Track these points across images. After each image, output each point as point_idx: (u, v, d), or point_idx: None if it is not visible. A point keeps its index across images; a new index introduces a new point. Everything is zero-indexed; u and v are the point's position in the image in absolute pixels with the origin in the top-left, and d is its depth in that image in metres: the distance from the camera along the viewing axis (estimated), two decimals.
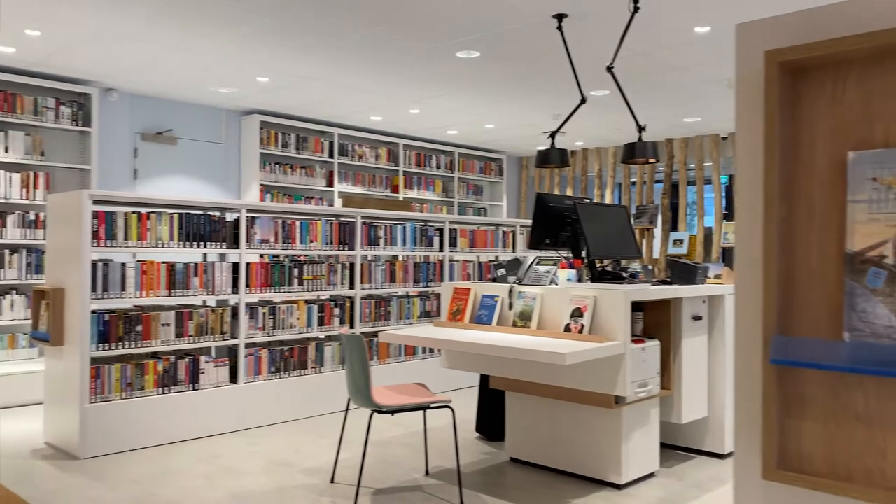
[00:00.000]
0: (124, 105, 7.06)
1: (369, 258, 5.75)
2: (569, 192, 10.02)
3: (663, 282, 4.14)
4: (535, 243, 4.04)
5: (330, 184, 8.45)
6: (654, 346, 3.69)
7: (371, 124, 8.47)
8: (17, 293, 6.08)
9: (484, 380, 4.70)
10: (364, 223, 5.67)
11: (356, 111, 7.73)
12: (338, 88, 6.73)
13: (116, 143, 7.01)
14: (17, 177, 6.10)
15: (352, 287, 5.58)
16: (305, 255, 6.19)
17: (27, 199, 6.14)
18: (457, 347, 3.40)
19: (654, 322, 4.00)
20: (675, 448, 4.34)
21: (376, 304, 5.75)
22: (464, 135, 9.14)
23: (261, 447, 4.40)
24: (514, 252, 6.88)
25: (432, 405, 3.39)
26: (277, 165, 7.97)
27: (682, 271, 4.11)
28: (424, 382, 6.03)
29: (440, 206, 9.81)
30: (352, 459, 4.13)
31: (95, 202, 4.34)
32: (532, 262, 3.92)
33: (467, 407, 5.54)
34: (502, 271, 4.02)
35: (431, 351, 6.15)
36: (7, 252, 6.01)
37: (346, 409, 3.69)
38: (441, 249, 6.24)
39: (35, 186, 6.20)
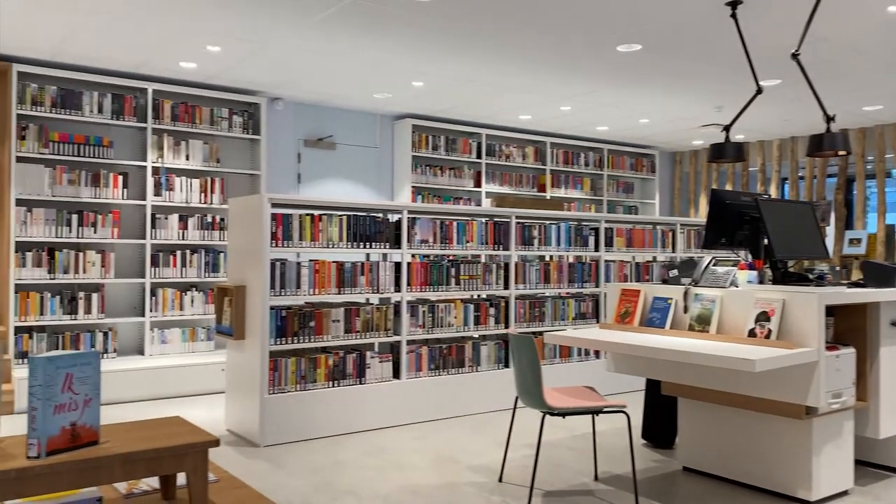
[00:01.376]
0: (289, 113, 7.47)
1: (523, 258, 5.73)
2: (728, 188, 9.50)
3: (855, 284, 3.80)
4: (709, 242, 3.83)
5: (478, 184, 8.52)
6: (849, 353, 3.39)
7: (519, 123, 8.45)
8: (196, 290, 6.59)
9: (651, 385, 4.53)
10: (518, 223, 5.65)
11: (505, 111, 7.74)
12: (490, 89, 6.76)
13: (282, 150, 7.44)
14: (196, 182, 6.62)
15: (506, 287, 5.57)
16: (454, 255, 6.26)
17: (205, 202, 6.65)
18: (632, 351, 3.29)
19: (845, 328, 3.67)
20: (869, 465, 3.97)
21: (530, 305, 5.71)
22: (615, 131, 8.91)
23: (425, 442, 4.49)
24: (673, 252, 6.60)
25: (606, 409, 3.31)
26: (427, 167, 8.13)
27: (877, 273, 3.75)
28: (578, 385, 5.91)
29: (588, 205, 9.62)
30: (518, 460, 4.11)
31: (274, 205, 4.60)
32: (708, 263, 3.73)
33: (630, 412, 5.37)
34: (674, 272, 3.86)
35: (587, 353, 6.03)
36: (188, 252, 6.53)
37: (514, 409, 3.68)
38: (596, 249, 6.10)
39: (212, 191, 6.70)
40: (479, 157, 8.49)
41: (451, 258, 5.40)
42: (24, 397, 5.38)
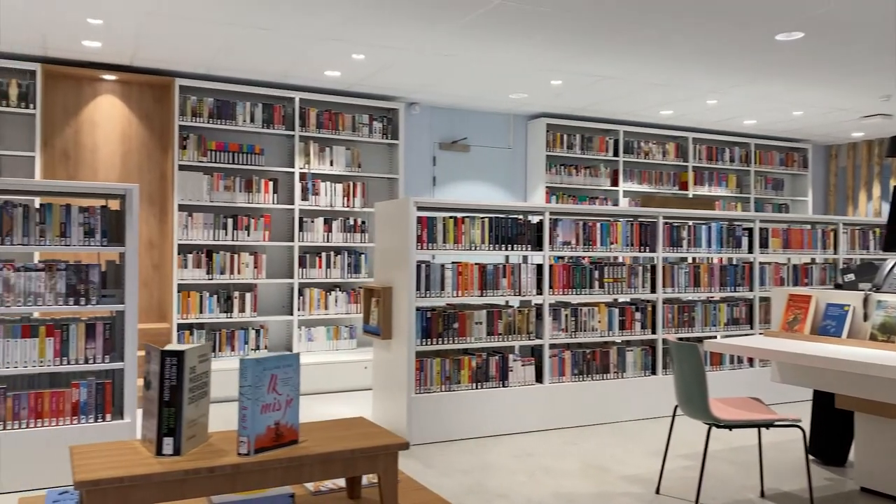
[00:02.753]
0: (424, 117, 7.58)
1: (669, 260, 5.49)
2: (893, 184, 8.69)
3: None
4: (890, 245, 3.49)
5: (614, 183, 8.28)
6: None
7: (660, 119, 8.13)
8: (339, 290, 6.82)
9: (820, 397, 4.20)
10: (665, 223, 5.42)
11: (646, 106, 7.47)
12: (631, 85, 6.55)
13: (418, 153, 7.56)
14: (339, 187, 6.85)
15: (653, 290, 5.36)
16: (598, 257, 6.09)
17: (348, 206, 6.87)
18: (809, 362, 3.05)
19: None
20: None
21: (679, 310, 5.46)
22: (764, 124, 8.38)
23: (573, 448, 4.39)
24: (835, 253, 6.11)
25: (778, 423, 3.08)
26: (562, 167, 8.00)
27: None
28: (735, 395, 5.59)
29: (733, 203, 9.11)
30: (675, 471, 3.93)
31: (419, 208, 4.66)
32: (892, 267, 3.39)
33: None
34: (851, 276, 3.54)
35: (739, 360, 5.69)
36: (332, 253, 6.77)
37: (673, 418, 3.51)
38: (750, 251, 5.74)
39: (354, 195, 6.91)
40: (615, 154, 8.25)
41: (594, 260, 5.26)
42: None
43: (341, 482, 2.44)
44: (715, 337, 5.58)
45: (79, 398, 3.76)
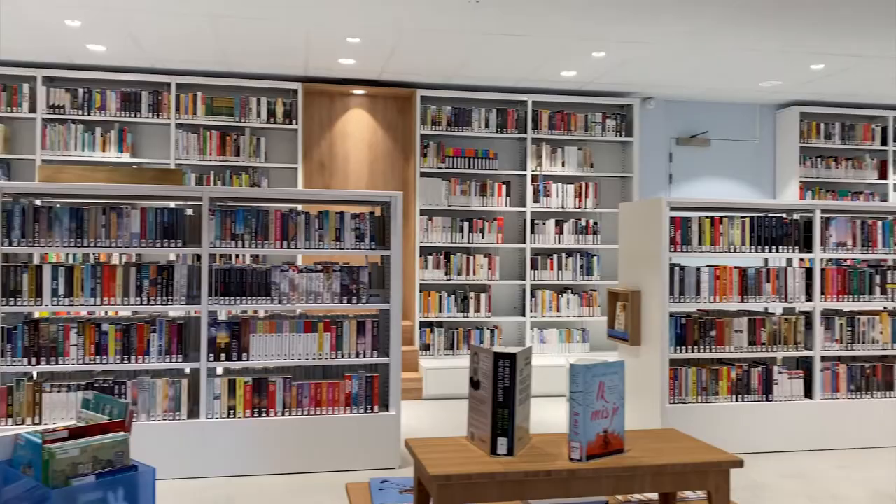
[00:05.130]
0: (660, 112, 7.26)
1: None
2: None
3: None
4: None
5: (882, 175, 7.33)
6: None
7: None
8: (571, 293, 6.74)
9: None
10: None
11: None
12: None
13: (652, 150, 7.26)
14: (570, 188, 6.77)
15: None
16: (879, 261, 5.41)
17: (579, 207, 6.77)
18: None
19: None
20: None
21: None
22: None
23: (856, 473, 3.91)
24: None
25: None
26: (819, 159, 7.24)
27: None
28: None
29: None
30: None
31: (672, 208, 4.44)
32: None
33: None
34: None
35: None
36: (563, 255, 6.71)
37: None
38: None
39: (585, 196, 6.80)
40: (883, 143, 7.30)
41: (872, 264, 4.67)
42: (431, 386, 6.01)
43: (651, 495, 2.35)
44: None
45: (351, 390, 4.05)
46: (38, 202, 3.86)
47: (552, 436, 2.16)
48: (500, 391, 1.87)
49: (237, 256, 5.89)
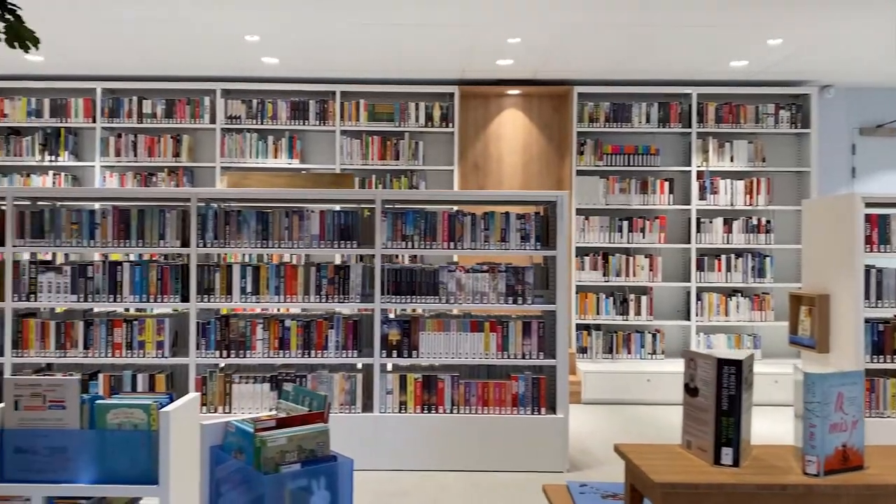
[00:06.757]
0: (840, 101, 6.66)
1: None
2: None
3: None
4: None
5: None
6: None
7: None
8: (741, 296, 6.33)
9: None
10: None
11: None
12: None
13: (832, 142, 6.67)
14: (740, 184, 6.37)
15: None
16: None
17: (750, 204, 6.35)
18: None
19: None
20: None
21: None
22: None
23: None
24: None
25: None
26: None
27: None
28: None
29: None
30: None
31: (867, 205, 4.04)
32: None
33: None
34: None
35: None
36: (733, 256, 6.32)
37: None
38: None
39: (757, 192, 6.37)
40: None
41: None
42: (590, 390, 5.87)
43: None
44: None
45: (517, 390, 4.02)
46: (225, 206, 4.16)
47: (775, 447, 2.02)
48: (725, 399, 1.76)
49: (396, 256, 6.07)
